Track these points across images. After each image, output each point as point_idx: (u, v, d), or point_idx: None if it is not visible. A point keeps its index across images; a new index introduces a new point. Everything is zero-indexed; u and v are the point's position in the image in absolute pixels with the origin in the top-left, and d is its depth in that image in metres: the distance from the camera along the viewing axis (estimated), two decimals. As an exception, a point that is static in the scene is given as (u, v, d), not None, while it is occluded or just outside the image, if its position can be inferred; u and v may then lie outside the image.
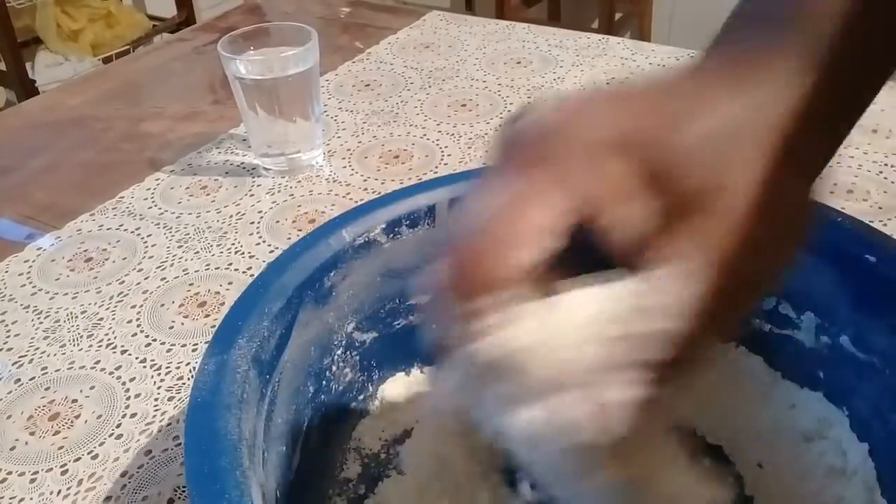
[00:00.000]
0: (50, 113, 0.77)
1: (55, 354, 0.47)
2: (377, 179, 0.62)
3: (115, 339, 0.48)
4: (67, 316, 0.50)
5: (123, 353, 0.47)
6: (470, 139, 0.67)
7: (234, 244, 0.56)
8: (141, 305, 0.50)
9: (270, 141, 0.62)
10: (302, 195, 0.61)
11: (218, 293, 0.51)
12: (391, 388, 0.41)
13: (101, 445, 0.41)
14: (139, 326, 0.49)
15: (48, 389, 0.45)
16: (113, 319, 0.49)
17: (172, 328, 0.48)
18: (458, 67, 0.79)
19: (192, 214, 0.59)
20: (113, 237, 0.57)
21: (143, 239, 0.57)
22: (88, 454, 0.41)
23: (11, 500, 0.39)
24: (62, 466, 0.40)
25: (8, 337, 0.49)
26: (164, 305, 0.50)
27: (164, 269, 0.54)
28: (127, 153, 0.68)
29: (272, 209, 0.59)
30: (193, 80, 0.82)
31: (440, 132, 0.68)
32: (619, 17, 2.27)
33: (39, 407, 0.44)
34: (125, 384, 0.45)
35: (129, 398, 0.44)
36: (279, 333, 0.32)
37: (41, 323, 0.50)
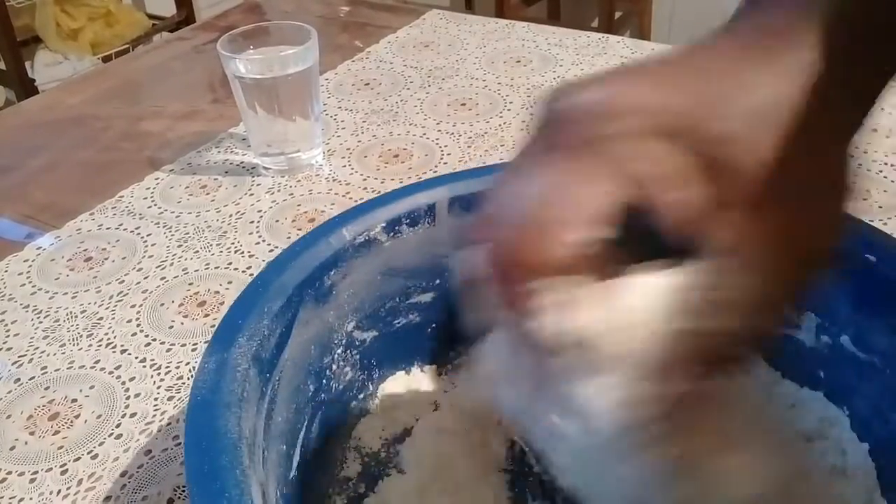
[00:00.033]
0: (49, 112, 0.77)
1: (55, 354, 0.47)
2: (377, 179, 0.62)
3: (114, 338, 0.48)
4: (67, 315, 0.50)
5: (123, 352, 0.47)
6: (470, 138, 0.67)
7: (233, 243, 0.56)
8: (140, 305, 0.50)
9: (270, 140, 0.62)
10: (301, 194, 0.61)
11: (218, 293, 0.51)
12: (391, 386, 0.41)
13: (100, 445, 0.41)
14: (139, 326, 0.49)
15: (48, 389, 0.45)
16: (112, 319, 0.49)
17: (172, 328, 0.48)
18: (457, 66, 0.79)
19: (191, 214, 0.59)
20: (112, 236, 0.57)
21: (142, 238, 0.57)
22: (88, 454, 0.41)
23: (11, 500, 0.38)
24: (62, 466, 0.40)
25: (7, 336, 0.49)
26: (163, 305, 0.50)
27: (163, 268, 0.54)
28: (126, 152, 0.68)
29: (272, 208, 0.59)
30: (193, 79, 0.82)
31: (440, 131, 0.68)
32: (618, 15, 2.27)
33: (39, 407, 0.44)
34: (125, 384, 0.45)
35: (128, 398, 0.44)
36: (279, 332, 0.32)
37: (41, 322, 0.50)
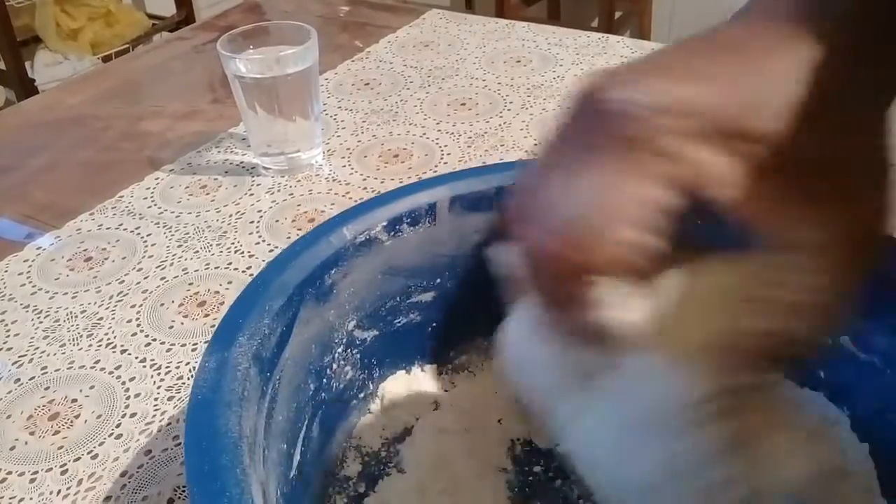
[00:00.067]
0: (49, 112, 0.77)
1: (55, 354, 0.47)
2: (377, 178, 0.62)
3: (114, 338, 0.48)
4: (67, 315, 0.50)
5: (123, 352, 0.47)
6: (469, 138, 0.67)
7: (233, 243, 0.56)
8: (140, 305, 0.50)
9: (270, 140, 0.62)
10: (301, 194, 0.61)
11: (217, 293, 0.51)
12: (392, 386, 0.41)
13: (100, 445, 0.41)
14: (139, 326, 0.49)
15: (48, 389, 0.45)
16: (112, 319, 0.49)
17: (172, 328, 0.48)
18: (457, 66, 0.79)
19: (191, 214, 0.59)
20: (112, 236, 0.57)
21: (142, 238, 0.57)
22: (88, 454, 0.41)
23: (11, 500, 0.38)
24: (62, 466, 0.40)
25: (8, 336, 0.49)
26: (163, 305, 0.50)
27: (163, 268, 0.54)
28: (126, 152, 0.68)
29: (272, 208, 0.59)
30: (193, 78, 0.82)
31: (440, 131, 0.68)
32: (618, 15, 2.27)
33: (39, 407, 0.44)
34: (125, 384, 0.45)
35: (128, 398, 0.44)
36: (280, 331, 0.32)
37: (41, 322, 0.49)
